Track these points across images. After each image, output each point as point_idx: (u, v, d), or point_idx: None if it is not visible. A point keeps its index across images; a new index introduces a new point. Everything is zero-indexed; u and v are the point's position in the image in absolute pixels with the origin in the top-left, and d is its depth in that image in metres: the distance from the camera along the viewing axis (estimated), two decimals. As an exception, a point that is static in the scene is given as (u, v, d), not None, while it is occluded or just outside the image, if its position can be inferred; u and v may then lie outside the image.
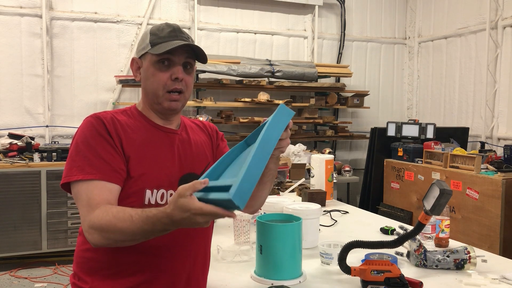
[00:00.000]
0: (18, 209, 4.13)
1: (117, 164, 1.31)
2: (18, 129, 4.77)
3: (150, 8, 5.23)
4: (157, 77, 1.38)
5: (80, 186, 1.28)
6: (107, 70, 5.12)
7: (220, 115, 5.33)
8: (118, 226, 1.17)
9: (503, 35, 5.15)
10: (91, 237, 1.22)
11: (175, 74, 1.38)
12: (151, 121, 1.44)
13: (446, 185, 1.39)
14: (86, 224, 1.24)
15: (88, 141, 1.31)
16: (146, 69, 1.40)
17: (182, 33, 1.41)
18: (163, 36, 1.38)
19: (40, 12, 4.79)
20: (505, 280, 1.54)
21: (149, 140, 1.40)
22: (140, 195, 1.33)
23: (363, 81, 6.37)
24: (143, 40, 1.42)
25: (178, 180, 1.40)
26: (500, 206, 3.71)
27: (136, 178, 1.33)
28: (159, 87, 1.38)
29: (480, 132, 5.36)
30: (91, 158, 1.29)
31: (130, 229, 1.16)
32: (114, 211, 1.21)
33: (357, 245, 1.47)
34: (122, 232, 1.18)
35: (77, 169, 1.29)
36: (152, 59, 1.38)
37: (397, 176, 4.91)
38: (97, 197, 1.25)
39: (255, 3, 5.73)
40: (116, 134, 1.34)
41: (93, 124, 1.34)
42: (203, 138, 1.56)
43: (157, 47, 1.37)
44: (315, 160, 2.86)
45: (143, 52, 1.41)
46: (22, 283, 3.89)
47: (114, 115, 1.40)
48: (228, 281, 1.55)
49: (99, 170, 1.28)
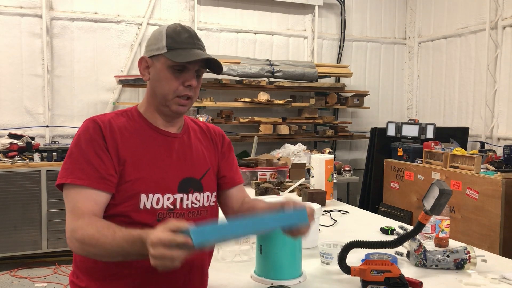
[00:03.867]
0: (18, 209, 4.13)
1: (106, 170, 1.31)
2: (18, 129, 4.77)
3: (150, 8, 5.23)
4: (170, 82, 1.37)
5: (69, 190, 1.31)
6: (107, 70, 5.12)
7: (220, 115, 5.33)
8: (99, 241, 1.18)
9: (503, 35, 5.15)
10: (71, 245, 1.25)
11: (188, 82, 1.38)
12: (151, 124, 1.43)
13: (446, 185, 1.40)
14: (68, 231, 1.26)
15: (81, 145, 1.33)
16: (158, 71, 1.38)
17: (198, 40, 1.42)
18: (180, 41, 1.37)
19: (40, 12, 4.79)
20: (505, 280, 1.54)
21: (146, 143, 1.40)
22: (136, 199, 1.33)
23: (363, 81, 6.37)
24: (157, 40, 1.39)
25: (177, 184, 1.39)
26: (500, 206, 3.71)
27: (132, 182, 1.33)
28: (170, 92, 1.37)
29: (480, 132, 5.36)
30: (82, 162, 1.31)
31: (111, 245, 1.16)
32: (98, 225, 1.22)
33: (357, 245, 1.47)
34: (102, 248, 1.18)
35: (67, 171, 1.32)
36: (167, 63, 1.36)
37: (397, 176, 4.91)
38: (82, 206, 1.27)
39: (255, 3, 5.73)
40: (112, 138, 1.34)
41: (88, 128, 1.35)
42: (206, 143, 1.54)
43: (174, 52, 1.35)
44: (315, 160, 2.87)
45: (156, 53, 1.38)
46: (22, 283, 3.89)
47: (113, 117, 1.40)
48: (228, 281, 1.55)
49: (88, 176, 1.30)
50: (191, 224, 1.08)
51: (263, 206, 1.46)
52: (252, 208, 1.50)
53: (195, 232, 1.04)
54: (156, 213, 1.34)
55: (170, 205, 1.36)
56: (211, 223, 1.18)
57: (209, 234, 1.09)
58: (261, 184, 3.08)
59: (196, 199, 1.43)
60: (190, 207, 1.41)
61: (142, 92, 5.29)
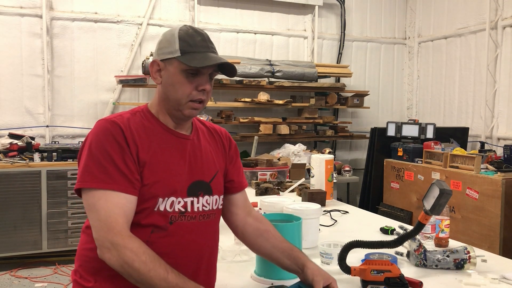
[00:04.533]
0: (18, 209, 4.13)
1: (133, 175, 1.28)
2: (18, 129, 4.77)
3: (150, 8, 5.23)
4: (184, 86, 1.34)
5: (94, 195, 1.25)
6: (107, 70, 5.12)
7: (220, 115, 5.33)
8: (149, 274, 1.18)
9: (503, 35, 5.15)
10: (107, 257, 1.22)
11: (202, 86, 1.35)
12: (164, 125, 1.41)
13: (446, 185, 1.40)
14: (107, 243, 1.21)
15: (103, 147, 1.27)
16: (172, 75, 1.34)
17: (211, 43, 1.38)
18: (194, 45, 1.34)
19: (40, 12, 4.79)
20: (505, 280, 1.54)
21: (163, 145, 1.38)
22: (153, 202, 1.31)
23: (363, 81, 6.37)
24: (169, 44, 1.35)
25: (186, 187, 1.38)
26: (500, 206, 3.71)
27: (150, 185, 1.31)
28: (183, 96, 1.35)
29: (480, 132, 5.36)
30: (107, 166, 1.26)
31: (160, 284, 1.18)
32: (150, 254, 1.21)
33: (357, 245, 1.47)
34: (149, 281, 1.18)
35: (90, 175, 1.26)
36: (181, 67, 1.33)
37: (397, 176, 4.91)
38: (119, 219, 1.23)
39: (255, 3, 5.73)
40: (133, 141, 1.31)
41: (109, 129, 1.29)
42: (214, 145, 1.53)
43: (188, 56, 1.32)
44: (315, 160, 2.87)
45: (169, 56, 1.34)
46: (22, 283, 3.89)
47: (129, 118, 1.36)
48: (228, 281, 1.55)
49: (114, 180, 1.25)
50: None
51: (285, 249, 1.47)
52: (273, 246, 1.48)
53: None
54: (169, 216, 1.33)
55: (182, 208, 1.36)
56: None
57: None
58: (261, 184, 3.08)
59: (207, 202, 1.42)
60: (201, 210, 1.40)
61: (142, 92, 5.29)
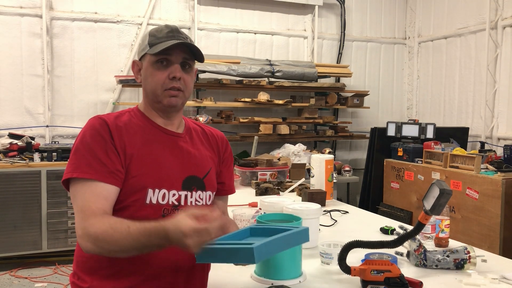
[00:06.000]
0: (18, 209, 4.13)
1: (113, 166, 1.32)
2: (18, 129, 4.77)
3: (150, 8, 5.23)
4: (156, 77, 1.40)
5: (76, 186, 1.30)
6: (107, 70, 5.12)
7: (220, 115, 5.33)
8: (114, 237, 1.18)
9: (503, 35, 5.15)
10: (84, 244, 1.24)
11: (172, 73, 1.40)
12: (153, 122, 1.46)
13: (446, 185, 1.40)
14: (80, 230, 1.25)
15: (87, 141, 1.34)
16: (145, 69, 1.43)
17: (179, 33, 1.43)
18: (160, 36, 1.41)
19: (40, 12, 4.79)
20: (505, 280, 1.54)
21: (151, 140, 1.42)
22: (142, 194, 1.34)
23: (363, 81, 6.37)
24: (142, 42, 1.45)
25: (181, 182, 1.41)
26: (500, 206, 3.71)
27: (138, 177, 1.34)
28: (157, 86, 1.41)
29: (480, 132, 5.36)
30: (88, 157, 1.31)
31: (126, 240, 1.17)
32: (111, 221, 1.22)
33: (357, 245, 1.47)
34: (117, 243, 1.18)
35: (73, 166, 1.32)
36: (151, 59, 1.40)
37: (397, 176, 4.91)
38: (93, 205, 1.26)
39: (255, 3, 5.73)
40: (119, 134, 1.36)
41: (94, 125, 1.36)
42: (208, 145, 1.57)
43: (154, 47, 1.39)
44: (315, 160, 2.86)
45: (142, 53, 1.44)
46: (22, 283, 3.89)
47: (118, 116, 1.42)
48: (228, 281, 1.55)
49: (95, 170, 1.29)
50: None
51: None
52: None
53: (258, 250, 1.09)
54: (162, 209, 1.36)
55: (175, 201, 1.39)
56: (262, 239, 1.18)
57: (265, 251, 1.13)
58: (261, 184, 3.08)
59: (199, 197, 1.46)
60: (194, 204, 1.43)
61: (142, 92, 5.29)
